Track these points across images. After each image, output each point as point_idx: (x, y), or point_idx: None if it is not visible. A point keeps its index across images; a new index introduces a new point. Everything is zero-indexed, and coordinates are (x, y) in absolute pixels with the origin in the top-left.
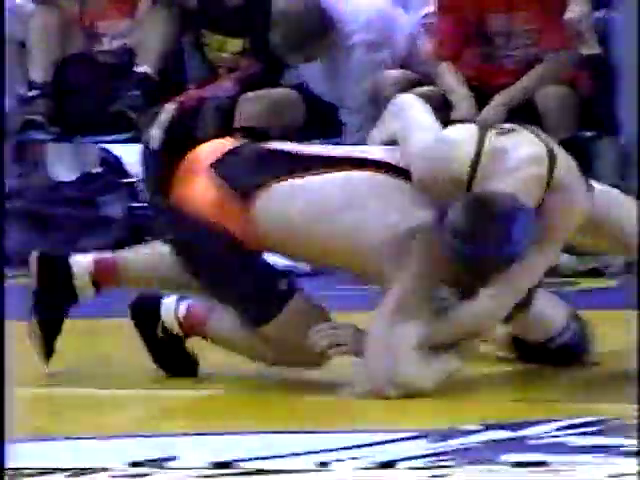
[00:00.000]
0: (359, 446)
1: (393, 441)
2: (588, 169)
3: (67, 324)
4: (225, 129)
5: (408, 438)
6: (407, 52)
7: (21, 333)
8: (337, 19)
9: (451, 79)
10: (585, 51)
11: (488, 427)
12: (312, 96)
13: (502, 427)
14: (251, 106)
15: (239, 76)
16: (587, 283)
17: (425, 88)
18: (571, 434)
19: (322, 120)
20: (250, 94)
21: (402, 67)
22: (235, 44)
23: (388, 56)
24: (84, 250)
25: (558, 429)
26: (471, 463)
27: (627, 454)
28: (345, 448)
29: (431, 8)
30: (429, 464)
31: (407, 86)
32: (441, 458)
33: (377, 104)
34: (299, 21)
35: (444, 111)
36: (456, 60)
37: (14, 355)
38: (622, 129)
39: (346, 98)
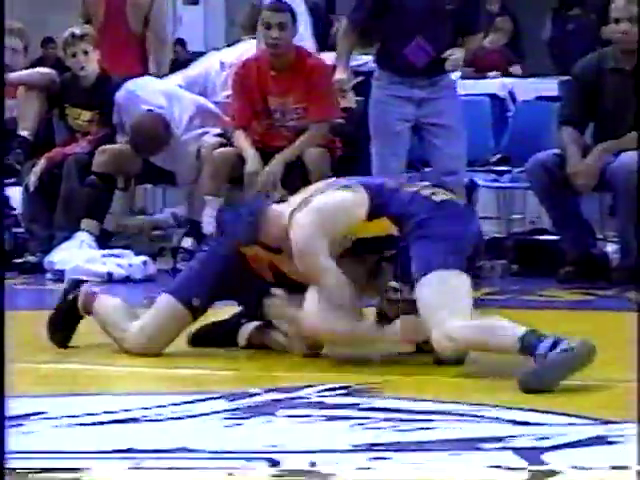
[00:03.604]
0: (175, 404)
1: (203, 400)
2: None
3: None
4: (83, 175)
5: (212, 398)
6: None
7: None
8: (173, 126)
9: (244, 142)
10: (344, 104)
11: (267, 391)
12: None
13: (276, 390)
14: (101, 157)
15: (91, 138)
16: None
17: (230, 149)
18: (327, 395)
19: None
20: (100, 148)
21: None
22: (88, 115)
23: (209, 137)
24: None
25: (318, 392)
26: (255, 416)
27: (366, 409)
28: (160, 406)
29: (229, 91)
30: (229, 416)
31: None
32: (235, 413)
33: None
34: (148, 136)
35: (239, 166)
36: (247, 128)
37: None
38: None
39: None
